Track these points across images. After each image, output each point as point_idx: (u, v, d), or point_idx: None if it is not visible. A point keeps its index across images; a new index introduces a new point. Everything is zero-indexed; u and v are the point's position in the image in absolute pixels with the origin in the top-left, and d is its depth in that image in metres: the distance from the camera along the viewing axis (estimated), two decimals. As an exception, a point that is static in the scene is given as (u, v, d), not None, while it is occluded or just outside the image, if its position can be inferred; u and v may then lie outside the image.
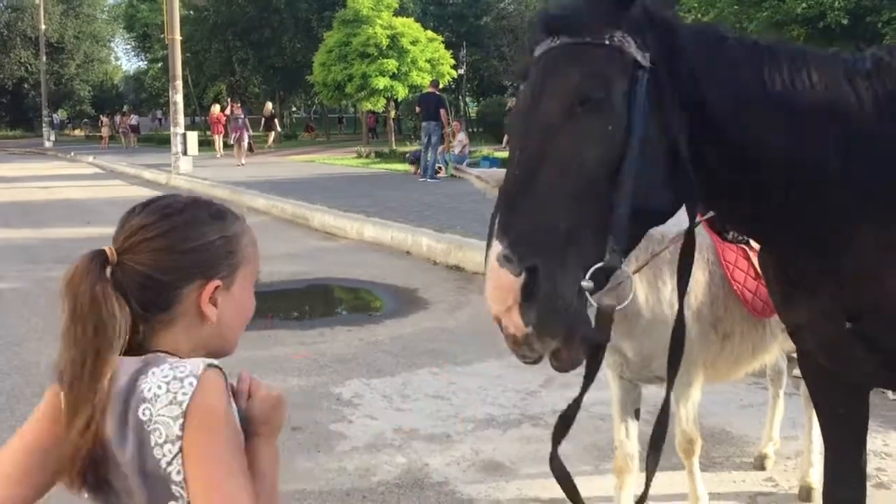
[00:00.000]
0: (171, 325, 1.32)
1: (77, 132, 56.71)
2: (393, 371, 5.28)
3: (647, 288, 2.80)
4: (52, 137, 43.34)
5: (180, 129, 21.15)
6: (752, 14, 15.29)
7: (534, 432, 4.24)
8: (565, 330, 1.57)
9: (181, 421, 1.19)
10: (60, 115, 60.27)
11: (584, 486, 2.48)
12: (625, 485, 3.07)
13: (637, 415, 3.12)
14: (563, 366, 1.62)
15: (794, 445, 3.83)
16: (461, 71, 31.84)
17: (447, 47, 28.76)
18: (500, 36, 39.26)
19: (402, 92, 26.22)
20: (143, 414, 1.20)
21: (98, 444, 1.23)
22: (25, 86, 58.17)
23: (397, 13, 27.81)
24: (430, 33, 27.51)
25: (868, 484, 3.54)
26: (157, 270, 1.29)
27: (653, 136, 1.63)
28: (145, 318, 1.30)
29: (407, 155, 20.94)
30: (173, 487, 1.20)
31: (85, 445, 1.22)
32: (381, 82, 25.35)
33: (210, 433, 1.20)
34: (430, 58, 26.44)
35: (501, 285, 1.54)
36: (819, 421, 2.24)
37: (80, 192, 18.25)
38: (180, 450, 1.19)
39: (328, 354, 5.68)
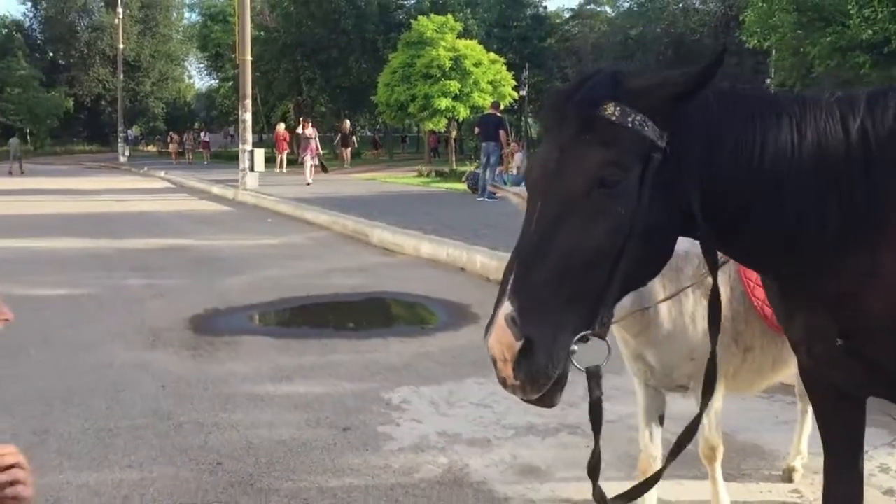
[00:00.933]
0: None
1: (150, 148, 58.74)
2: (441, 380, 5.54)
3: (670, 300, 3.00)
4: (127, 153, 45.06)
5: (248, 146, 21.86)
6: (815, 39, 15.20)
7: (571, 440, 4.44)
8: (543, 392, 1.81)
9: None
10: (135, 131, 62.40)
11: (616, 490, 2.70)
12: (648, 485, 3.26)
13: (661, 420, 3.31)
14: (541, 406, 1.88)
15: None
16: (523, 92, 32.15)
17: (510, 68, 29.15)
18: (563, 58, 39.49)
19: (463, 112, 26.67)
20: None
21: None
22: (102, 102, 60.56)
23: (461, 35, 28.32)
24: (492, 55, 27.94)
25: (892, 499, 3.68)
26: None
27: (656, 215, 1.82)
28: None
29: (464, 177, 21.22)
30: None
31: None
32: (443, 103, 25.85)
33: None
34: (492, 79, 26.85)
35: (503, 342, 1.76)
36: (818, 426, 2.42)
37: (152, 205, 19.03)
38: None
39: (381, 363, 5.96)
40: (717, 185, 1.88)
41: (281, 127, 30.90)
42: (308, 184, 22.69)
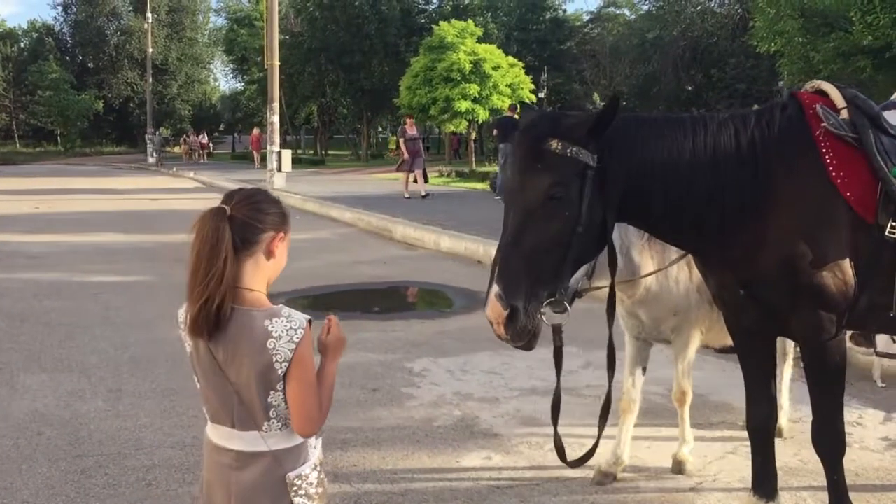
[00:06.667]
0: (251, 257, 2.10)
1: (177, 149, 59.87)
2: (457, 353, 6.29)
3: (657, 266, 3.70)
4: (155, 154, 46.14)
5: (276, 147, 22.62)
6: (818, 44, 15.79)
7: (568, 398, 5.12)
8: (526, 342, 2.62)
9: (292, 353, 2.04)
10: (162, 133, 63.58)
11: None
12: (626, 421, 4.00)
13: (644, 371, 4.03)
14: (523, 350, 2.71)
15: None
16: (541, 95, 32.83)
17: (529, 71, 29.84)
18: (581, 60, 40.04)
19: (482, 115, 27.37)
20: (270, 344, 2.04)
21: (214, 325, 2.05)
22: (131, 105, 61.69)
23: (481, 40, 29.04)
24: (511, 59, 28.63)
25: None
26: (251, 219, 2.10)
27: (594, 214, 2.55)
28: (240, 250, 2.07)
29: (490, 176, 21.79)
30: (277, 384, 2.07)
31: (204, 311, 2.02)
32: (463, 105, 26.58)
33: (303, 363, 2.05)
34: (511, 82, 27.55)
35: (496, 312, 2.56)
36: (739, 361, 3.14)
37: (184, 203, 19.87)
38: (288, 366, 2.05)
39: (403, 339, 6.72)
40: (638, 187, 2.62)
41: (256, 130, 32.75)
42: (407, 197, 18.48)
